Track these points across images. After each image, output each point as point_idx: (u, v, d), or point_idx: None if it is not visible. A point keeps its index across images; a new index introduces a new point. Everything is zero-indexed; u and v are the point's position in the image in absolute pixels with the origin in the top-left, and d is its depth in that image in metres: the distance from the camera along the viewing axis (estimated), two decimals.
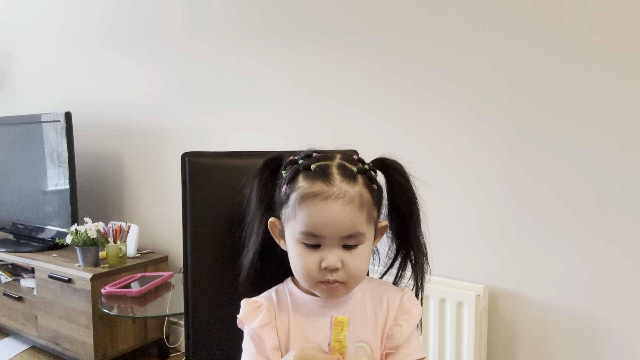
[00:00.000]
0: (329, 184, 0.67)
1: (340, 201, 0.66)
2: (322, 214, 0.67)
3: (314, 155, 0.72)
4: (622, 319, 1.34)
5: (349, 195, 0.67)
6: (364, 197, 0.68)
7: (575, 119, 1.36)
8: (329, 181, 0.67)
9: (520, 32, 1.42)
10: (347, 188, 0.67)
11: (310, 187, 0.68)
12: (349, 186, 0.68)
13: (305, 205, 0.68)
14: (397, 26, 1.64)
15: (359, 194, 0.68)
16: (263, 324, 0.73)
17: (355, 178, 0.69)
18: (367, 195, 0.69)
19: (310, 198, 0.67)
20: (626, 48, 1.28)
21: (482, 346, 1.50)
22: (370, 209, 0.70)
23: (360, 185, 0.69)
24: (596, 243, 1.36)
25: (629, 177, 1.31)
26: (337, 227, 0.67)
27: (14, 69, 3.09)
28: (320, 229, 0.67)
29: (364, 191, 0.69)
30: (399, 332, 0.73)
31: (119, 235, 2.18)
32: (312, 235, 0.68)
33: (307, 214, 0.67)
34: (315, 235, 0.68)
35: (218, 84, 2.13)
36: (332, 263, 0.67)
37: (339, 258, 0.68)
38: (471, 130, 1.52)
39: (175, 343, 2.37)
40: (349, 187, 0.67)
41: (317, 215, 0.67)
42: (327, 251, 0.68)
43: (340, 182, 0.67)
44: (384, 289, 0.78)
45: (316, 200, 0.67)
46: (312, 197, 0.67)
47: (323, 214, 0.66)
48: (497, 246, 1.51)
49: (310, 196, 0.67)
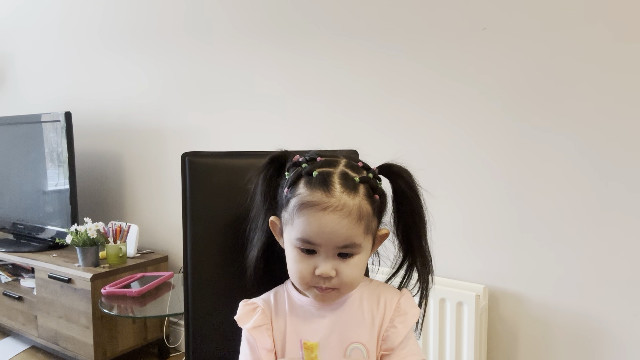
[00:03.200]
0: (328, 195, 0.67)
1: (338, 213, 0.66)
2: (319, 225, 0.67)
3: (317, 160, 0.72)
4: (623, 319, 1.34)
5: (348, 207, 0.67)
6: (363, 210, 0.68)
7: (576, 119, 1.36)
8: (328, 191, 0.67)
9: (521, 31, 1.42)
10: (347, 200, 0.67)
11: (310, 196, 0.68)
12: (348, 197, 0.67)
13: (303, 213, 0.68)
14: (398, 26, 1.64)
15: (358, 207, 0.68)
16: (256, 325, 0.74)
17: (356, 188, 0.68)
18: (367, 207, 0.69)
19: (309, 207, 0.67)
20: (627, 46, 1.28)
21: (482, 346, 1.50)
22: (368, 221, 0.69)
23: (360, 196, 0.68)
24: (596, 243, 1.36)
25: (630, 178, 1.30)
26: (332, 238, 0.67)
27: (14, 69, 3.08)
28: (316, 238, 0.67)
29: (363, 203, 0.68)
30: (394, 334, 0.72)
31: (119, 235, 2.18)
32: (307, 242, 0.68)
33: (304, 222, 0.67)
34: (311, 243, 0.68)
35: (218, 83, 2.13)
36: (325, 271, 0.68)
37: (333, 267, 0.68)
38: (471, 130, 1.52)
39: (175, 343, 2.37)
40: (348, 198, 0.67)
41: (314, 225, 0.67)
42: (322, 259, 0.68)
43: (340, 193, 0.67)
44: (382, 291, 0.77)
45: (314, 210, 0.67)
46: (310, 206, 0.67)
47: (320, 224, 0.67)
48: (497, 246, 1.51)
49: (308, 205, 0.67)
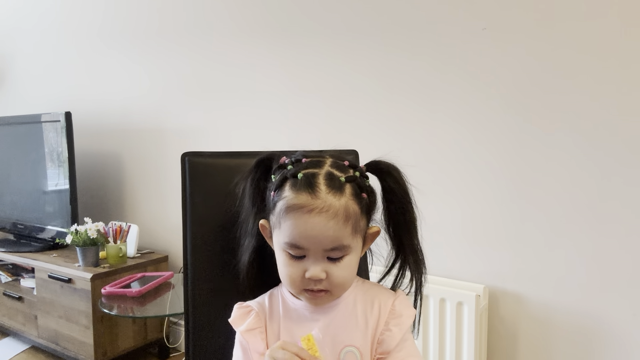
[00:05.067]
0: (314, 196, 0.66)
1: (324, 215, 0.66)
2: (306, 228, 0.66)
3: (303, 161, 0.71)
4: (623, 319, 1.34)
5: (334, 208, 0.66)
6: (350, 210, 0.67)
7: (577, 117, 1.36)
8: (314, 193, 0.66)
9: (521, 28, 1.42)
10: (332, 201, 0.66)
11: (295, 199, 0.67)
12: (334, 198, 0.66)
13: (289, 217, 0.67)
14: (398, 25, 1.64)
15: (344, 207, 0.67)
16: (250, 328, 0.74)
17: (342, 188, 0.68)
18: (354, 206, 0.68)
19: (295, 210, 0.67)
20: (629, 43, 1.28)
21: (482, 346, 1.50)
22: (356, 221, 0.69)
23: (346, 196, 0.68)
24: (596, 243, 1.36)
25: (631, 177, 1.30)
26: (320, 241, 0.66)
27: (14, 69, 3.08)
28: (303, 241, 0.67)
29: (350, 203, 0.68)
30: (390, 337, 0.72)
31: (119, 235, 2.18)
32: (296, 247, 0.68)
33: (291, 225, 0.67)
34: (299, 247, 0.68)
35: (218, 83, 2.13)
36: (315, 274, 0.67)
37: (323, 269, 0.68)
38: (472, 129, 1.52)
39: (175, 343, 2.37)
40: (334, 199, 0.66)
41: (301, 229, 0.66)
42: (311, 262, 0.68)
43: (326, 194, 0.66)
44: (376, 292, 0.77)
45: (300, 213, 0.66)
46: (296, 209, 0.66)
47: (306, 227, 0.66)
48: (497, 246, 1.51)
49: (294, 208, 0.67)
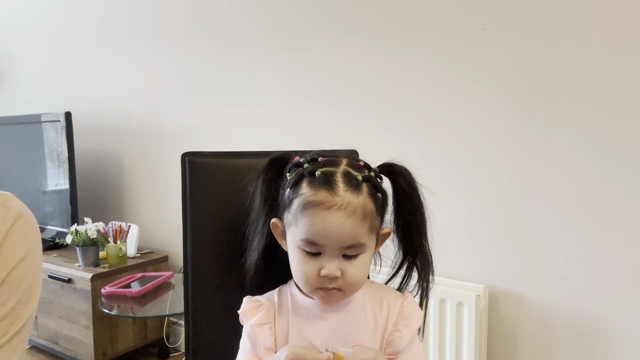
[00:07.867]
0: (333, 194, 0.67)
1: (342, 212, 0.66)
2: (324, 224, 0.66)
3: (319, 160, 0.71)
4: (623, 319, 1.34)
5: (352, 206, 0.67)
6: (367, 208, 0.68)
7: (578, 119, 1.36)
8: (332, 190, 0.67)
9: (523, 29, 1.42)
10: (351, 198, 0.67)
11: (314, 196, 0.67)
12: (352, 196, 0.67)
13: (307, 213, 0.67)
14: (399, 25, 1.64)
15: (362, 205, 0.68)
16: (260, 322, 0.74)
17: (360, 187, 0.68)
18: (371, 205, 0.69)
19: (313, 207, 0.67)
20: (629, 46, 1.28)
21: (482, 346, 1.50)
22: (372, 219, 0.69)
23: (364, 195, 0.68)
24: (597, 243, 1.36)
25: (631, 178, 1.30)
26: (337, 238, 0.67)
27: (14, 69, 3.08)
28: (321, 238, 0.67)
29: (367, 201, 0.68)
30: (399, 338, 0.73)
31: (119, 235, 2.18)
32: (312, 244, 0.68)
33: (309, 222, 0.67)
34: (316, 244, 0.68)
35: (218, 83, 2.13)
36: (331, 272, 0.68)
37: (338, 267, 0.68)
38: (473, 130, 1.52)
39: (175, 343, 2.37)
40: (352, 197, 0.67)
41: (319, 225, 0.67)
42: (326, 259, 0.68)
43: (344, 191, 0.67)
44: (385, 293, 0.77)
45: (318, 210, 0.67)
46: (314, 206, 0.67)
47: (325, 224, 0.66)
48: (497, 246, 1.51)
49: (312, 205, 0.67)
